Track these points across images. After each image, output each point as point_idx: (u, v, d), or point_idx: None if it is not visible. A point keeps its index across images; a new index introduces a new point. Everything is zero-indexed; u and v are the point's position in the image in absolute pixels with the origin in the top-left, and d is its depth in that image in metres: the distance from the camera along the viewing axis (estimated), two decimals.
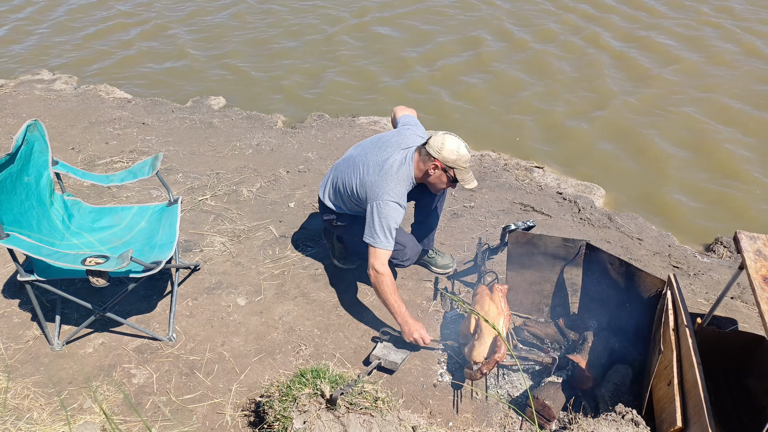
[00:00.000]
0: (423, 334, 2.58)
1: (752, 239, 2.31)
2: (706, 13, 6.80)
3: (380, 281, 2.57)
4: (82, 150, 4.37)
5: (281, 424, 2.11)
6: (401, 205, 2.62)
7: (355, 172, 2.72)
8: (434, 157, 2.57)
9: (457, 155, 2.57)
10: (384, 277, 2.57)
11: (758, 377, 2.46)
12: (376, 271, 2.57)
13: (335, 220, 2.93)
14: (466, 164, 2.61)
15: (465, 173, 2.63)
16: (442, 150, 2.56)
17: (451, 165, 2.58)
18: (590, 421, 2.20)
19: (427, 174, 2.63)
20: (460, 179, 2.63)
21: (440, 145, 2.57)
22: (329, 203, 2.90)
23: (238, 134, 4.68)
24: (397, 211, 2.61)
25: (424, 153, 2.60)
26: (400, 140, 2.75)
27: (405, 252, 2.85)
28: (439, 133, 2.62)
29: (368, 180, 2.64)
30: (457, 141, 2.60)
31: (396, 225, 2.61)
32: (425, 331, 2.60)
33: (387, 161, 2.65)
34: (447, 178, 2.63)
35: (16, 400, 2.42)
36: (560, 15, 6.84)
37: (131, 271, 2.49)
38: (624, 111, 5.02)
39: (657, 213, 3.93)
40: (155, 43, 6.49)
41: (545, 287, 2.87)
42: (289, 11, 7.16)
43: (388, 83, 5.58)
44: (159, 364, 2.64)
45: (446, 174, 2.62)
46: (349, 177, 2.74)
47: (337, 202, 2.87)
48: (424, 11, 7.05)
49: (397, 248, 2.80)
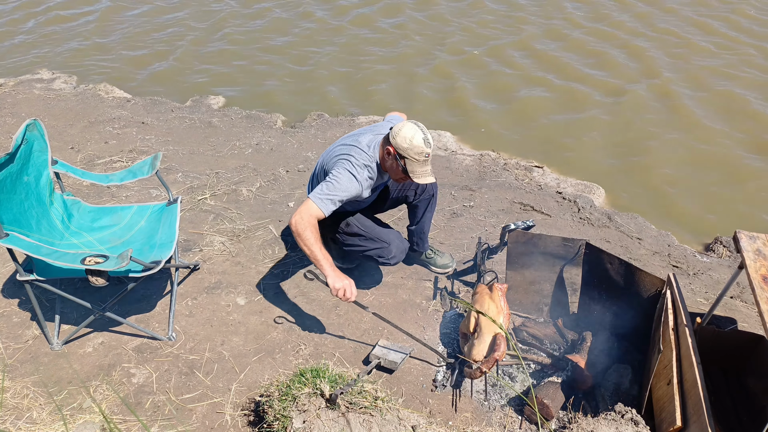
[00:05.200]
0: (350, 289, 2.46)
1: (752, 239, 2.31)
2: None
3: (302, 229, 2.43)
4: (81, 149, 4.37)
5: (281, 423, 2.11)
6: (355, 177, 2.54)
7: (328, 155, 2.73)
8: (390, 143, 2.50)
9: (409, 144, 2.44)
10: (304, 227, 2.43)
11: (758, 377, 2.46)
12: (300, 220, 2.43)
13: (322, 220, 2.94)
14: (420, 156, 2.47)
15: (417, 165, 2.49)
16: (397, 136, 2.47)
17: (403, 153, 2.47)
18: (590, 421, 2.20)
19: (384, 159, 2.57)
20: (410, 171, 2.50)
21: (397, 130, 2.48)
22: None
23: (238, 134, 4.68)
24: (350, 180, 2.52)
25: (385, 138, 2.56)
26: (374, 129, 2.75)
27: (390, 249, 2.81)
28: (406, 120, 2.55)
29: (332, 155, 2.65)
30: (415, 129, 2.46)
31: (344, 195, 2.50)
32: (354, 288, 2.47)
33: (356, 141, 2.64)
34: (399, 167, 2.52)
35: (15, 399, 2.42)
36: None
37: (131, 270, 2.49)
38: (624, 109, 5.03)
39: (657, 212, 3.93)
40: (155, 43, 6.49)
41: (545, 287, 2.87)
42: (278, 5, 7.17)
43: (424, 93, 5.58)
44: (158, 363, 2.64)
45: (398, 162, 2.51)
46: (326, 162, 2.74)
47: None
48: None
49: (382, 246, 2.80)
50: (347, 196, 2.53)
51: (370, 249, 2.82)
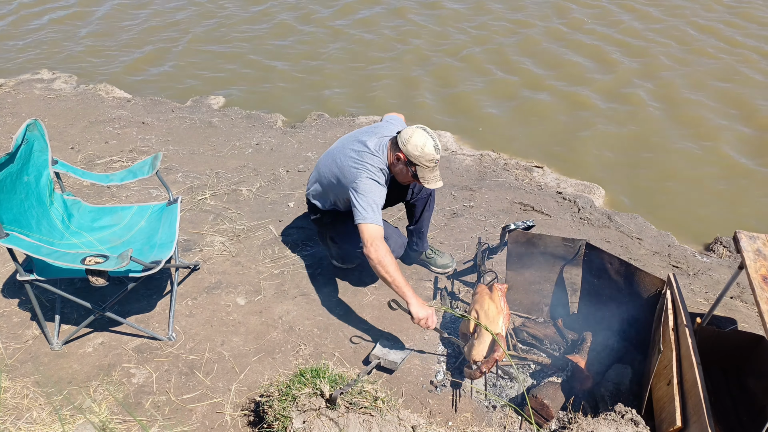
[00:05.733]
0: (432, 318, 2.48)
1: (752, 239, 2.31)
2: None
3: (380, 259, 2.44)
4: (81, 149, 4.37)
5: (281, 423, 2.11)
6: (379, 183, 2.58)
7: (335, 161, 2.75)
8: (400, 149, 2.54)
9: (420, 152, 2.49)
10: (383, 255, 2.44)
11: (758, 377, 2.46)
12: (373, 248, 2.44)
13: (321, 219, 2.94)
14: (431, 163, 2.52)
15: (427, 172, 2.54)
16: (408, 143, 2.51)
17: (414, 161, 2.51)
18: (590, 421, 2.20)
19: (393, 164, 2.61)
20: (421, 177, 2.55)
21: (408, 137, 2.52)
22: (313, 200, 2.93)
23: (238, 134, 4.68)
24: (377, 187, 2.56)
25: (394, 142, 2.59)
26: (377, 130, 2.76)
27: (388, 244, 2.81)
28: (414, 126, 2.57)
29: (345, 164, 2.66)
30: (426, 137, 2.51)
31: (380, 200, 2.54)
32: (434, 317, 2.50)
33: (364, 146, 2.66)
34: (409, 172, 2.57)
35: (15, 399, 2.42)
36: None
37: (131, 270, 2.49)
38: (624, 109, 5.03)
39: (657, 212, 3.93)
40: (155, 43, 6.49)
41: (545, 287, 2.87)
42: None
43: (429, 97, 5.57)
44: (158, 363, 2.64)
45: (408, 168, 2.55)
46: (330, 167, 2.76)
47: (320, 198, 2.89)
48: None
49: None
50: (383, 202, 2.58)
51: None
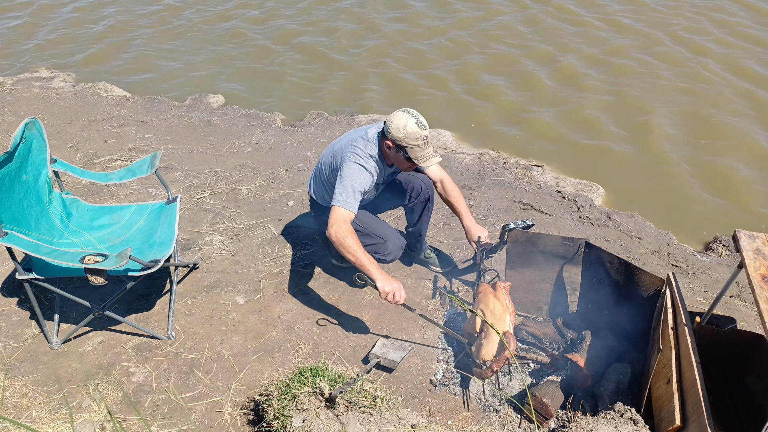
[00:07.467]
0: (399, 293, 2.46)
1: (751, 238, 2.31)
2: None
3: (340, 240, 2.44)
4: (80, 148, 4.37)
5: (280, 422, 2.11)
6: (365, 168, 2.56)
7: (332, 149, 2.77)
8: (387, 137, 2.53)
9: (404, 132, 2.46)
10: (343, 235, 2.43)
11: (757, 376, 2.46)
12: (333, 229, 2.44)
13: (320, 216, 2.94)
14: (418, 141, 2.47)
15: (418, 150, 2.50)
16: (391, 128, 2.49)
17: (401, 143, 2.49)
18: (589, 420, 2.20)
19: (387, 155, 2.61)
20: (414, 157, 2.51)
21: (389, 122, 2.51)
22: (313, 194, 2.94)
23: (237, 132, 4.68)
24: (361, 172, 2.54)
25: (382, 133, 2.59)
26: (374, 124, 2.77)
27: (386, 245, 2.81)
28: (395, 111, 2.56)
29: (339, 150, 2.68)
30: (406, 117, 2.47)
31: (359, 186, 2.52)
32: (402, 291, 2.47)
33: (363, 133, 2.67)
34: (403, 157, 2.55)
35: (14, 398, 2.42)
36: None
37: (130, 269, 2.49)
38: (624, 108, 5.03)
39: (656, 211, 3.93)
40: (155, 42, 6.47)
41: (544, 286, 2.87)
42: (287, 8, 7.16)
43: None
44: (158, 362, 2.64)
45: (400, 153, 2.54)
46: (328, 158, 2.78)
47: (319, 191, 2.89)
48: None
49: (378, 242, 2.80)
50: (364, 188, 2.56)
51: (366, 245, 2.82)
